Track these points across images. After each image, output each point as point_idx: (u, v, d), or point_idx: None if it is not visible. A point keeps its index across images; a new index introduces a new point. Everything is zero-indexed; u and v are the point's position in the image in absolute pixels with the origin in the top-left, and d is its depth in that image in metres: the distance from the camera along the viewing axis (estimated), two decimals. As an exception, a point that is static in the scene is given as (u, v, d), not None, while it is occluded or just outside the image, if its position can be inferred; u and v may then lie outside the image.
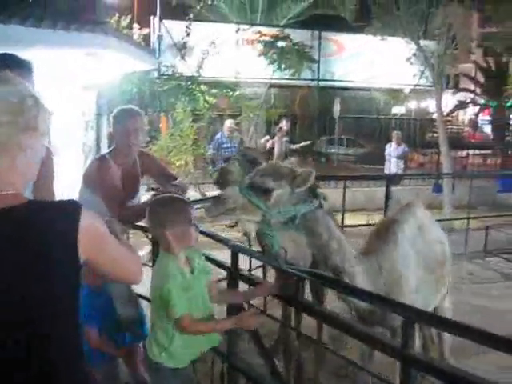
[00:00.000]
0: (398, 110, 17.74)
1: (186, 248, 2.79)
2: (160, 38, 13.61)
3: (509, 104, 20.30)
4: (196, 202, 3.94)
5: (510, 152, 19.10)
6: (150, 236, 3.95)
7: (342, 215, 8.11)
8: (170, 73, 11.03)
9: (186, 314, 2.59)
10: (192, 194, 10.39)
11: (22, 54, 6.10)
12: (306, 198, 2.95)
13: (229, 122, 10.90)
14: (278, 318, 5.50)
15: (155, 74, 10.82)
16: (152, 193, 3.30)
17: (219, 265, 3.61)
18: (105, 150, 10.04)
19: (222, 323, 2.84)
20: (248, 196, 2.89)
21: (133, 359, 3.74)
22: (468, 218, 8.98)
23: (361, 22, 15.07)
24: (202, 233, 4.02)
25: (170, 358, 2.68)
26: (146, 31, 14.36)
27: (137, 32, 13.83)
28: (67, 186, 7.86)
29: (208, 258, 3.63)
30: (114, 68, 7.68)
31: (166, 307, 2.58)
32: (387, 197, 7.86)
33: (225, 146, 10.51)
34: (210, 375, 3.82)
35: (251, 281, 3.31)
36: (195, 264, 2.85)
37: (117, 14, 13.85)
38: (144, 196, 4.26)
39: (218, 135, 10.94)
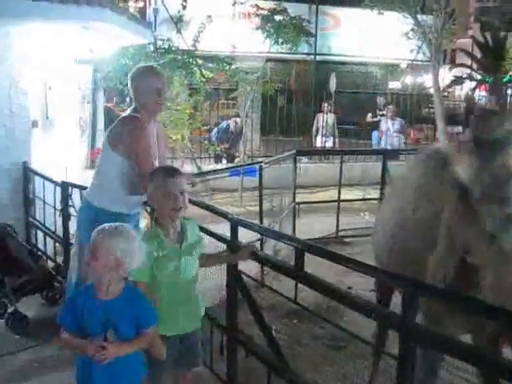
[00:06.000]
0: (394, 85, 17.61)
1: (174, 219, 2.83)
2: (156, 11, 13.46)
3: (505, 79, 20.16)
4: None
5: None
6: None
7: (339, 190, 8.16)
8: (166, 46, 10.85)
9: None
10: (188, 168, 10.40)
11: (18, 27, 6.05)
12: None
13: (238, 120, 13.33)
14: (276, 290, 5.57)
15: (151, 47, 10.65)
16: None
17: (219, 238, 3.62)
18: (101, 123, 10.07)
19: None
20: None
21: None
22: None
23: (358, -5, 14.87)
24: (201, 206, 4.04)
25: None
26: (141, 4, 14.19)
27: (133, 5, 13.65)
28: (64, 157, 7.84)
29: (207, 232, 3.65)
30: (110, 42, 7.61)
31: None
32: (384, 172, 7.91)
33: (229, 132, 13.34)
34: (209, 347, 3.87)
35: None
36: (187, 235, 2.89)
37: (112, -13, 13.63)
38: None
39: (224, 124, 13.47)
